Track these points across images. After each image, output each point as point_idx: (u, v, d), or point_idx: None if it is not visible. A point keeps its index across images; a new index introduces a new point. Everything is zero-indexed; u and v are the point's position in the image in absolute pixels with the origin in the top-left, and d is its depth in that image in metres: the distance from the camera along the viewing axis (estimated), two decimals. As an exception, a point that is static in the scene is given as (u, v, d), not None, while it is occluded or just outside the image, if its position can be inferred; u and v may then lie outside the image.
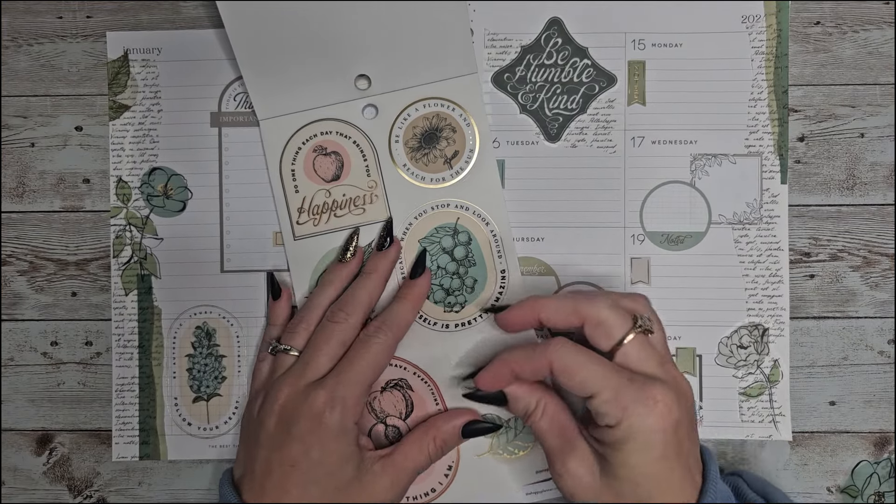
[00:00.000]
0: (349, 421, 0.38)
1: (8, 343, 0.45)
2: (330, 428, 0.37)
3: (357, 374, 0.38)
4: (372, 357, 0.39)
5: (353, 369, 0.38)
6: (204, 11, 0.45)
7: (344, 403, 0.37)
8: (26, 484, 0.45)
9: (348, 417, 0.37)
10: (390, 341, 0.40)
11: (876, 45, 0.45)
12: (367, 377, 0.39)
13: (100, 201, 0.45)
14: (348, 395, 0.37)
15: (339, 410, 0.37)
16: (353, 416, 0.38)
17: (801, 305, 0.44)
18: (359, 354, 0.39)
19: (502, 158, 0.45)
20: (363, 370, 0.38)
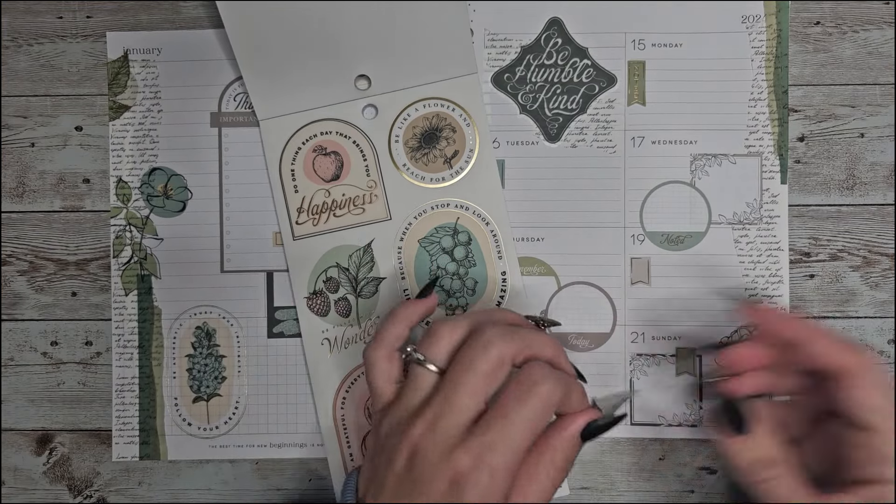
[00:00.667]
0: (495, 495, 0.31)
1: (8, 343, 0.45)
2: (468, 499, 0.30)
3: (514, 434, 0.31)
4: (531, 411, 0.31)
5: (507, 428, 0.31)
6: (204, 11, 0.45)
7: (493, 474, 0.30)
8: (26, 484, 0.45)
9: (495, 491, 0.31)
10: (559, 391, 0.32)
11: (876, 45, 0.45)
12: (527, 439, 0.31)
13: (100, 201, 0.45)
14: (499, 464, 0.30)
15: (486, 480, 0.30)
16: (501, 489, 0.31)
17: (802, 305, 0.44)
18: (517, 404, 0.31)
19: (502, 158, 0.45)
20: (521, 430, 0.31)
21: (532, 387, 0.31)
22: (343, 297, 0.44)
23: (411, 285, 0.44)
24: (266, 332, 0.45)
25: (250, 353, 0.45)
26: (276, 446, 0.44)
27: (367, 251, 0.44)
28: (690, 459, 0.44)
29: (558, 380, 0.32)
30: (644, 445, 0.44)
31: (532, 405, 0.31)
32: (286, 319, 0.45)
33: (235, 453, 0.45)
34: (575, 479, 0.44)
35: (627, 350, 0.44)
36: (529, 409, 0.31)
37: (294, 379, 0.45)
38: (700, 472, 0.44)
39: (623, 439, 0.44)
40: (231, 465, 0.45)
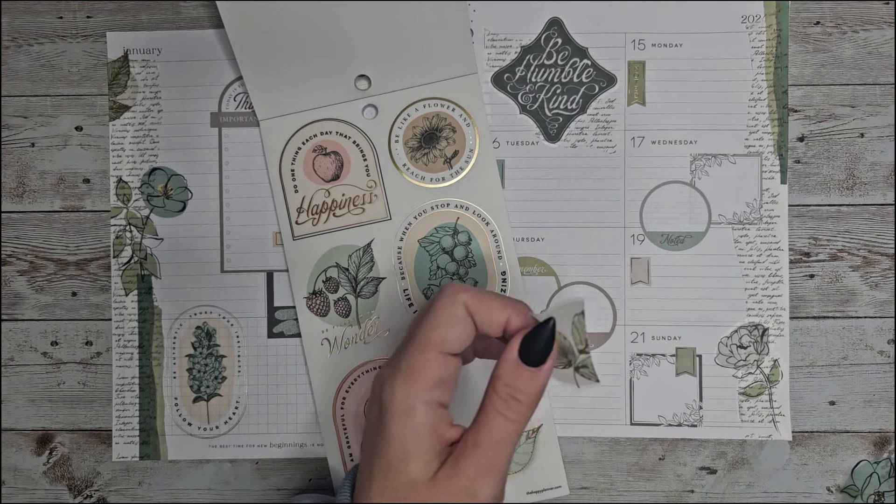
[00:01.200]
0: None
1: (8, 343, 0.45)
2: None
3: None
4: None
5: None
6: (204, 11, 0.45)
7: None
8: (26, 484, 0.45)
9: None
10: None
11: (876, 45, 0.45)
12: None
13: (100, 201, 0.45)
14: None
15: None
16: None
17: (801, 305, 0.44)
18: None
19: (502, 158, 0.45)
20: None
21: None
22: (343, 297, 0.44)
23: (411, 285, 0.44)
24: (266, 332, 0.45)
25: (250, 353, 0.45)
26: (276, 446, 0.45)
27: (366, 251, 0.44)
28: (690, 459, 0.44)
29: (457, 287, 0.32)
30: (644, 445, 0.44)
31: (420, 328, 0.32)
32: (286, 319, 0.45)
33: (235, 453, 0.45)
34: (575, 479, 0.44)
35: (627, 350, 0.44)
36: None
37: (294, 379, 0.45)
38: (700, 471, 0.44)
39: (623, 439, 0.44)
40: (231, 465, 0.45)
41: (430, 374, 0.31)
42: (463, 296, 0.32)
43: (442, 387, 0.31)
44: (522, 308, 0.33)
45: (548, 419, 0.44)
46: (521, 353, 0.31)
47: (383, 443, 0.30)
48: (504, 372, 0.31)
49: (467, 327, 0.32)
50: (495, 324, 0.32)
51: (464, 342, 0.32)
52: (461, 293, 0.32)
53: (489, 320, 0.32)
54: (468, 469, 0.30)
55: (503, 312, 0.32)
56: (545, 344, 0.31)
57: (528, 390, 0.31)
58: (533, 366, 0.31)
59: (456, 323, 0.32)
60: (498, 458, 0.30)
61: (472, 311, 0.32)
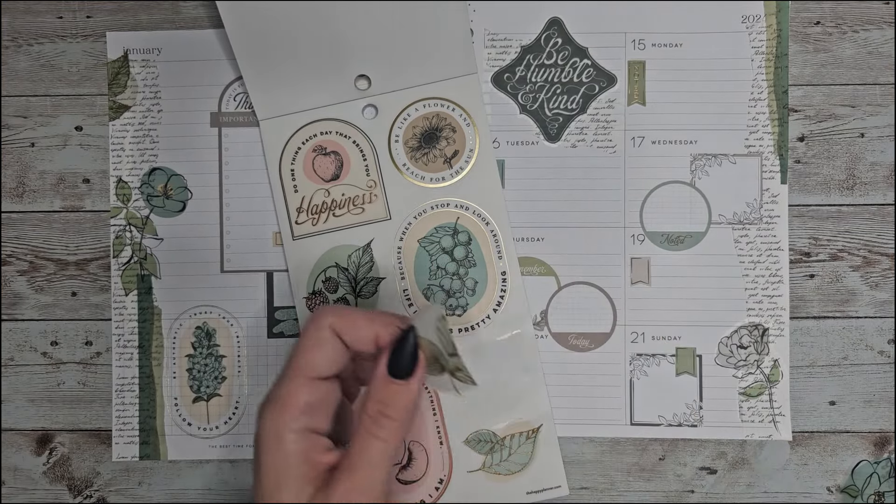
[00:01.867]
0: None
1: (8, 343, 0.45)
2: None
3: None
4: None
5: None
6: (204, 11, 0.45)
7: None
8: (26, 484, 0.45)
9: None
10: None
11: (876, 45, 0.45)
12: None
13: (100, 201, 0.45)
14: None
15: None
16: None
17: (801, 305, 0.44)
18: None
19: (502, 158, 0.45)
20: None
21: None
22: (342, 297, 0.44)
23: (411, 285, 0.44)
24: (266, 332, 0.45)
25: (250, 353, 0.45)
26: (275, 446, 0.44)
27: (366, 251, 0.44)
28: (690, 459, 0.44)
29: (324, 311, 0.32)
30: (644, 445, 0.44)
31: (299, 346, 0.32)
32: (286, 319, 0.45)
33: (235, 453, 0.45)
34: (575, 479, 0.44)
35: (627, 350, 0.44)
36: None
37: (294, 379, 0.45)
38: (700, 472, 0.44)
39: (623, 439, 0.44)
40: (231, 465, 0.45)
41: (298, 402, 0.30)
42: (328, 318, 0.31)
43: (313, 413, 0.31)
44: (391, 321, 0.32)
45: (548, 419, 0.44)
46: (389, 367, 0.31)
47: (260, 474, 0.30)
48: (374, 389, 0.31)
49: (335, 348, 0.31)
50: (364, 340, 0.32)
51: (333, 365, 0.31)
52: (326, 316, 0.31)
53: (357, 338, 0.32)
54: (341, 493, 0.29)
55: (370, 328, 0.32)
56: (410, 354, 0.31)
57: (399, 404, 0.31)
58: (401, 378, 0.31)
59: (322, 345, 0.31)
60: (372, 480, 0.30)
61: (338, 331, 0.31)
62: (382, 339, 0.32)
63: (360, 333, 0.32)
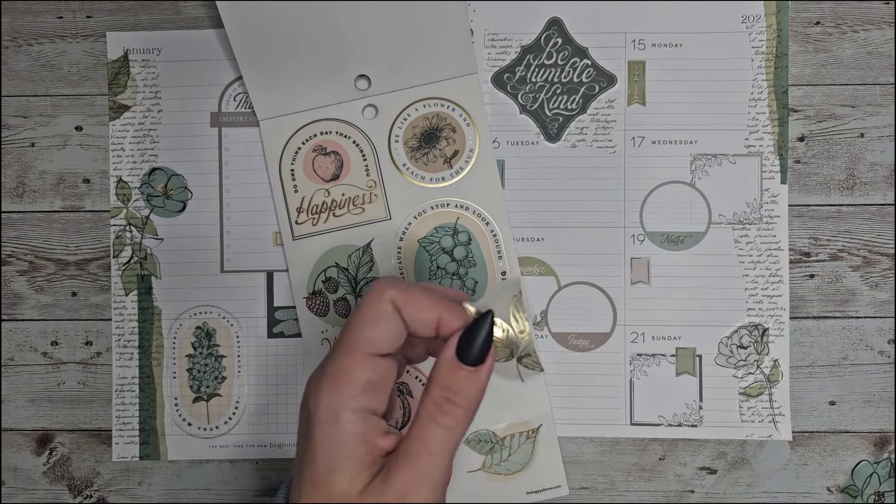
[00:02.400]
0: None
1: (8, 343, 0.45)
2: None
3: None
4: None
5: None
6: (204, 11, 0.45)
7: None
8: (26, 484, 0.45)
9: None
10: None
11: (876, 45, 0.45)
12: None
13: (100, 201, 0.45)
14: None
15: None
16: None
17: (801, 305, 0.44)
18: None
19: (502, 158, 0.45)
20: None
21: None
22: (342, 297, 0.44)
23: (411, 285, 0.44)
24: (266, 332, 0.45)
25: (250, 353, 0.45)
26: (276, 446, 0.44)
27: (366, 251, 0.44)
28: (690, 459, 0.44)
29: (385, 282, 0.29)
30: (644, 445, 0.44)
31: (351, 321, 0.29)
32: (286, 319, 0.45)
33: (235, 453, 0.45)
34: (575, 479, 0.44)
35: (627, 350, 0.44)
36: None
37: (294, 379, 0.45)
38: (700, 472, 0.44)
39: (623, 439, 0.44)
40: (231, 466, 0.45)
41: (358, 379, 0.28)
42: (390, 292, 0.29)
43: (372, 392, 0.29)
44: (456, 303, 0.30)
45: (548, 419, 0.44)
46: (458, 351, 0.29)
47: (310, 454, 0.28)
48: (440, 374, 0.29)
49: (396, 325, 0.29)
50: (426, 322, 0.29)
51: (394, 341, 0.29)
52: (388, 289, 0.29)
53: (419, 318, 0.29)
54: (399, 483, 0.27)
55: (433, 310, 0.29)
56: (484, 340, 0.29)
57: (466, 392, 0.28)
58: (472, 365, 0.29)
59: (383, 321, 0.29)
60: (432, 471, 0.28)
61: (399, 307, 0.29)
62: (445, 325, 0.29)
63: (422, 315, 0.29)
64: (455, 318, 0.29)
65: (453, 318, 0.29)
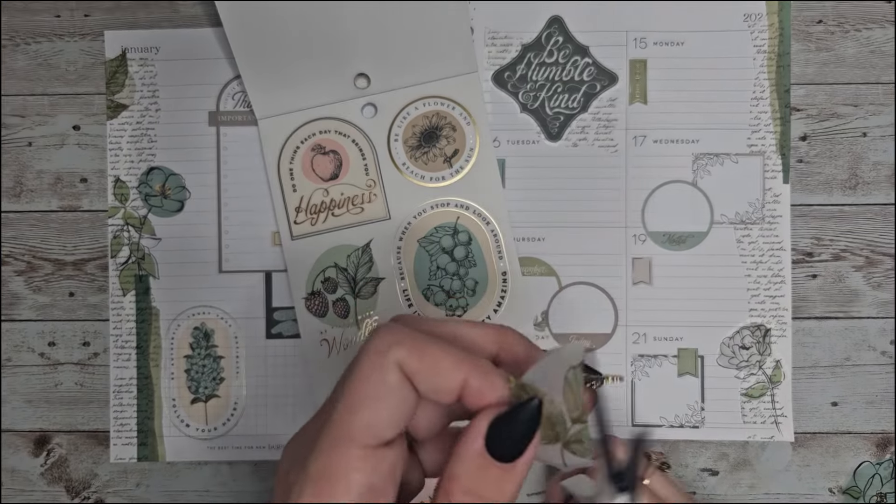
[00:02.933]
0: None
1: (5, 343, 0.45)
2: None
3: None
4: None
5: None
6: (202, 10, 0.45)
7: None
8: (24, 485, 0.45)
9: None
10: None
11: (878, 44, 0.44)
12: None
13: (97, 201, 0.45)
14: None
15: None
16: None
17: (804, 306, 0.44)
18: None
19: (503, 158, 0.45)
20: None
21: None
22: (341, 297, 0.44)
23: (410, 286, 0.44)
24: (264, 332, 0.45)
25: (249, 353, 0.44)
26: (274, 448, 0.44)
27: (365, 251, 0.44)
28: (691, 460, 0.44)
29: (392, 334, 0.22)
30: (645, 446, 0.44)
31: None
32: (285, 320, 0.44)
33: (234, 455, 0.44)
34: (576, 481, 0.44)
35: (629, 351, 0.44)
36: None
37: (293, 380, 0.44)
38: (702, 473, 0.44)
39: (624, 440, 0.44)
40: (229, 467, 0.45)
41: (353, 485, 0.21)
42: (396, 353, 0.22)
43: (374, 497, 0.22)
44: (487, 365, 0.23)
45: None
46: (489, 441, 0.22)
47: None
48: (463, 469, 0.22)
49: (405, 400, 0.22)
50: (447, 390, 0.22)
51: (402, 422, 0.22)
52: (394, 349, 0.22)
53: (437, 386, 0.22)
54: None
55: (456, 373, 0.22)
56: (526, 429, 0.22)
57: (498, 494, 0.22)
58: (508, 461, 0.22)
59: (387, 396, 0.22)
60: None
61: (410, 373, 0.22)
62: (474, 395, 0.22)
63: (442, 381, 0.22)
64: (488, 386, 0.22)
65: (485, 385, 0.22)
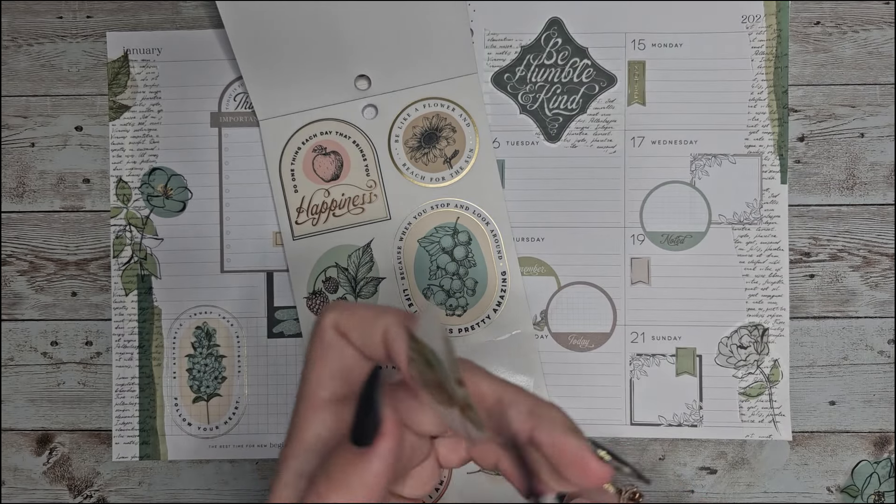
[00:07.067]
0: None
1: (8, 343, 0.45)
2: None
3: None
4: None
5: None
6: (204, 11, 0.45)
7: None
8: (26, 484, 0.45)
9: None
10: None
11: (876, 45, 0.45)
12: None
13: (100, 201, 0.45)
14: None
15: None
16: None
17: (801, 305, 0.44)
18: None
19: (502, 158, 0.45)
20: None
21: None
22: (342, 297, 0.44)
23: (411, 285, 0.44)
24: (266, 332, 0.45)
25: (250, 353, 0.45)
26: (276, 446, 0.44)
27: (366, 251, 0.44)
28: (690, 459, 0.44)
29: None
30: (644, 445, 0.44)
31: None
32: (286, 319, 0.45)
33: (235, 453, 0.45)
34: (575, 479, 0.44)
35: (627, 350, 0.44)
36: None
37: (294, 379, 0.45)
38: (700, 471, 0.44)
39: (623, 439, 0.44)
40: (231, 466, 0.45)
41: (305, 434, 0.22)
42: (330, 316, 0.23)
43: (327, 447, 0.22)
44: (403, 316, 0.23)
45: (548, 419, 0.44)
46: (352, 427, 0.21)
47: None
48: (331, 461, 0.21)
49: (346, 355, 0.23)
50: (373, 342, 0.23)
51: (348, 375, 0.23)
52: (328, 314, 0.23)
53: (364, 339, 0.23)
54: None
55: (379, 322, 0.22)
56: (366, 403, 0.21)
57: (359, 483, 0.20)
58: (359, 444, 0.21)
59: (326, 355, 0.23)
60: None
61: (344, 330, 0.23)
62: (392, 344, 0.22)
63: (368, 332, 0.23)
64: (398, 335, 0.22)
65: (398, 336, 0.22)
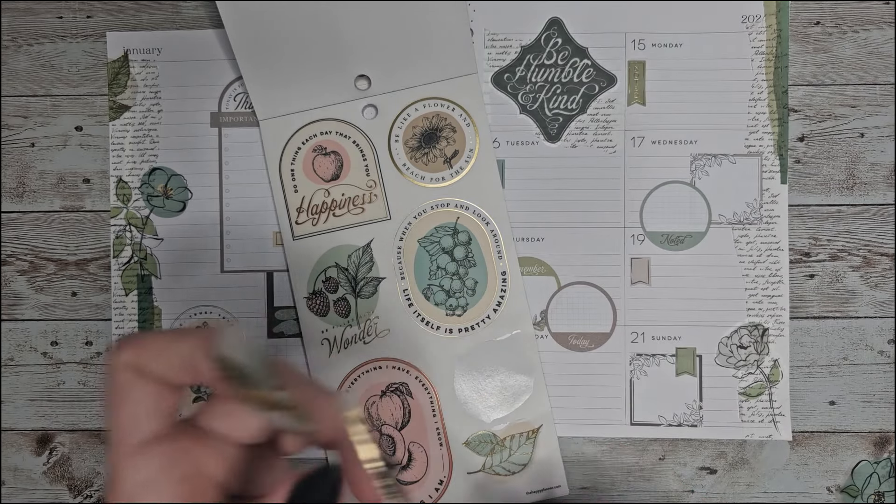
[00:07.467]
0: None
1: (8, 343, 0.45)
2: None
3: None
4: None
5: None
6: (204, 12, 0.45)
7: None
8: (26, 484, 0.45)
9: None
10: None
11: (876, 45, 0.45)
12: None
13: (100, 201, 0.45)
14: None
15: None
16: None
17: (801, 305, 0.44)
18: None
19: (502, 158, 0.45)
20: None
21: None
22: (342, 297, 0.44)
23: (411, 285, 0.44)
24: (266, 331, 0.45)
25: (250, 353, 0.45)
26: (275, 446, 0.44)
27: (366, 251, 0.44)
28: (690, 459, 0.44)
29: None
30: (644, 445, 0.44)
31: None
32: (286, 319, 0.45)
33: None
34: (575, 479, 0.44)
35: (627, 350, 0.44)
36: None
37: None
38: (700, 472, 0.44)
39: (623, 439, 0.44)
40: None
41: (126, 484, 0.22)
42: (123, 356, 0.22)
43: (147, 490, 0.22)
44: (203, 333, 0.22)
45: (548, 419, 0.44)
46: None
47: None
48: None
49: (146, 393, 0.22)
50: (174, 369, 0.22)
51: (154, 414, 0.22)
52: (120, 354, 0.22)
53: (163, 369, 0.22)
54: None
55: (177, 349, 0.22)
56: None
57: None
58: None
59: (126, 398, 0.22)
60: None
61: (140, 367, 0.22)
62: (197, 367, 0.22)
63: (165, 361, 0.22)
64: (201, 356, 0.22)
65: (200, 356, 0.22)
